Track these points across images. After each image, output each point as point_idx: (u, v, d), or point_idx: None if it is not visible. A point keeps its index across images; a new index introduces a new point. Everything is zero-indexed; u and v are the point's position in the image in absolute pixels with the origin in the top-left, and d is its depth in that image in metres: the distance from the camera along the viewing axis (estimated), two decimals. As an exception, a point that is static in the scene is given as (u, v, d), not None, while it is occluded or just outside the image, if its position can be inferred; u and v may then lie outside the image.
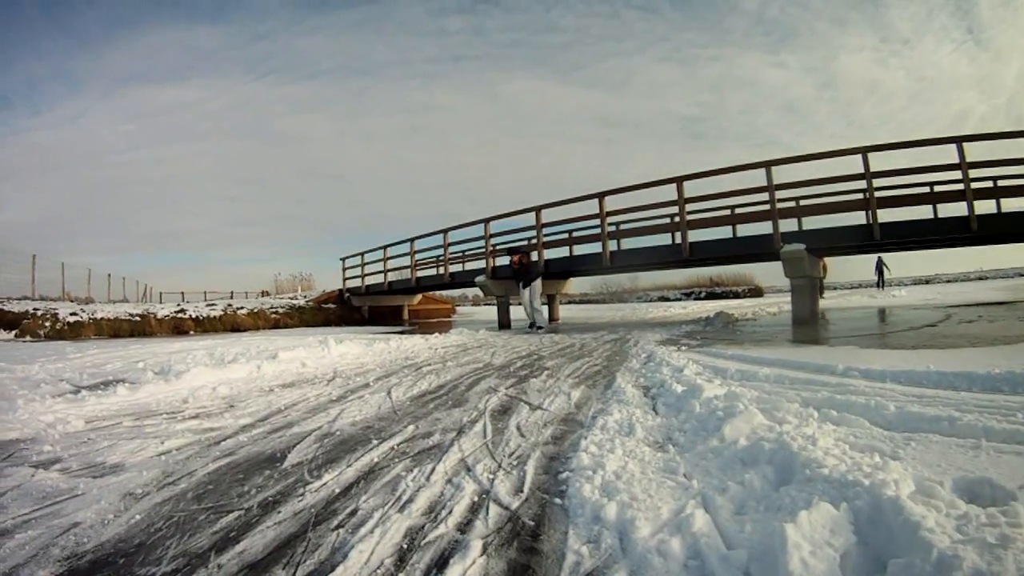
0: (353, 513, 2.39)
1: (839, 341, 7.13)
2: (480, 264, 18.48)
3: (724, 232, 14.07)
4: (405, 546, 2.02)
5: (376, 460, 3.15)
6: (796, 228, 12.28)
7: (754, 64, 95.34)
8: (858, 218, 11.72)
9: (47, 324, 17.88)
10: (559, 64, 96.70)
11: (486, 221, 17.58)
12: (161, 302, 32.00)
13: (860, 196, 11.90)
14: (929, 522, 1.52)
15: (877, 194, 11.09)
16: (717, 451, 2.61)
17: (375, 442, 3.53)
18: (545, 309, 15.37)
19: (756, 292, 44.14)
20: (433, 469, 2.88)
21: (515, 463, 2.93)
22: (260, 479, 2.93)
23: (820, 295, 14.77)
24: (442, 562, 1.89)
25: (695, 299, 42.83)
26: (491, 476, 2.72)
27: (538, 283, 14.94)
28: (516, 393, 4.88)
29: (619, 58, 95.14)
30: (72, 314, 18.90)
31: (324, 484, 2.79)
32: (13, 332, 17.29)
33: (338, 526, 2.27)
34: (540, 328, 13.98)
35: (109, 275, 34.56)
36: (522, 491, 2.51)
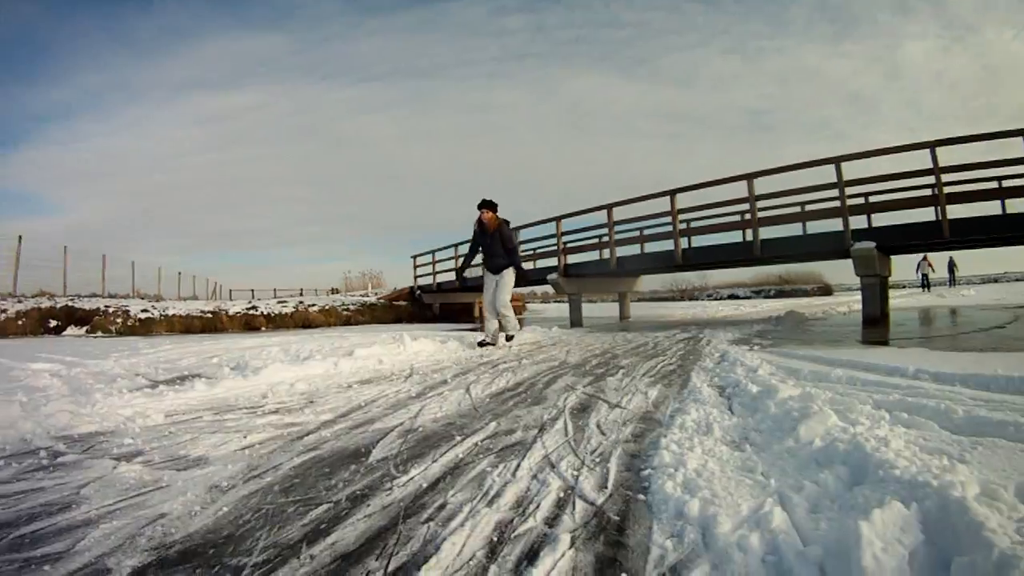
0: (442, 507, 2.42)
1: (909, 342, 7.04)
2: (551, 262, 18.48)
3: (794, 229, 13.82)
4: (495, 539, 2.06)
5: (461, 456, 3.19)
6: (866, 225, 12.06)
7: (817, 54, 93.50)
8: (927, 215, 11.47)
9: (118, 320, 18.55)
10: (622, 60, 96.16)
11: (557, 219, 17.68)
12: (231, 299, 32.97)
13: (928, 192, 11.65)
14: (992, 523, 1.57)
15: (946, 189, 10.75)
16: (793, 451, 2.65)
17: (458, 438, 3.56)
18: (512, 315, 10.15)
19: (825, 290, 43.36)
20: (518, 465, 2.91)
21: (598, 460, 2.95)
22: (346, 473, 2.98)
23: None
24: (532, 555, 1.92)
25: (764, 297, 42.25)
26: (575, 472, 2.75)
27: (510, 274, 10.09)
28: (594, 391, 4.89)
29: (682, 52, 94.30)
30: (143, 311, 19.51)
31: (411, 479, 2.82)
32: (84, 328, 17.82)
33: (428, 519, 2.30)
34: (509, 339, 9.95)
35: (179, 273, 36.07)
36: (606, 487, 2.54)
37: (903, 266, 33.66)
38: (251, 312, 22.00)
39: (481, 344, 9.54)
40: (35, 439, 3.87)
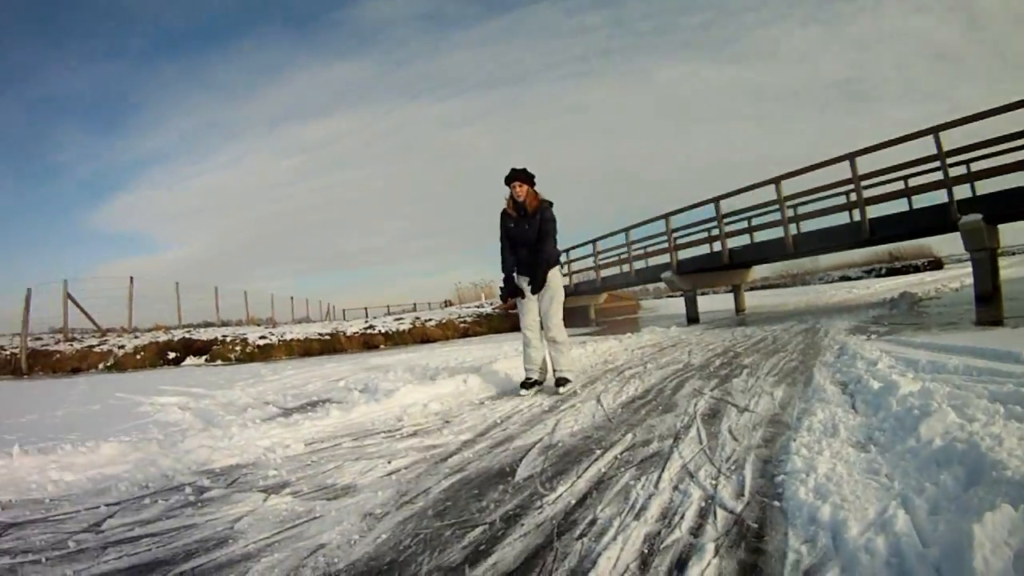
0: (593, 522, 2.50)
1: (1022, 321, 6.89)
2: (663, 259, 18.37)
3: (900, 205, 13.15)
4: (646, 551, 2.17)
5: (603, 470, 3.25)
6: (970, 194, 11.43)
7: (896, 11, 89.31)
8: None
9: (237, 348, 18.87)
10: (705, 43, 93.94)
11: (667, 216, 17.63)
12: (345, 319, 33.34)
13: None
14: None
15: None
16: (914, 451, 2.73)
17: (598, 452, 3.62)
18: (568, 342, 6.50)
19: (936, 264, 41.43)
20: (659, 477, 3.00)
21: (733, 468, 3.04)
22: (495, 493, 3.04)
23: None
24: (681, 564, 2.04)
25: (876, 276, 40.68)
26: (713, 481, 2.84)
27: (558, 278, 6.53)
28: (721, 395, 5.01)
29: (761, 28, 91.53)
30: (261, 337, 19.89)
31: (559, 496, 2.89)
32: (203, 357, 18.23)
33: (581, 535, 2.38)
34: (561, 383, 6.24)
35: (292, 298, 36.72)
36: (743, 495, 2.63)
37: (1012, 233, 31.92)
38: (369, 331, 22.14)
39: (525, 385, 6.38)
40: (177, 475, 4.01)
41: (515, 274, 6.60)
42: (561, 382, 6.24)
